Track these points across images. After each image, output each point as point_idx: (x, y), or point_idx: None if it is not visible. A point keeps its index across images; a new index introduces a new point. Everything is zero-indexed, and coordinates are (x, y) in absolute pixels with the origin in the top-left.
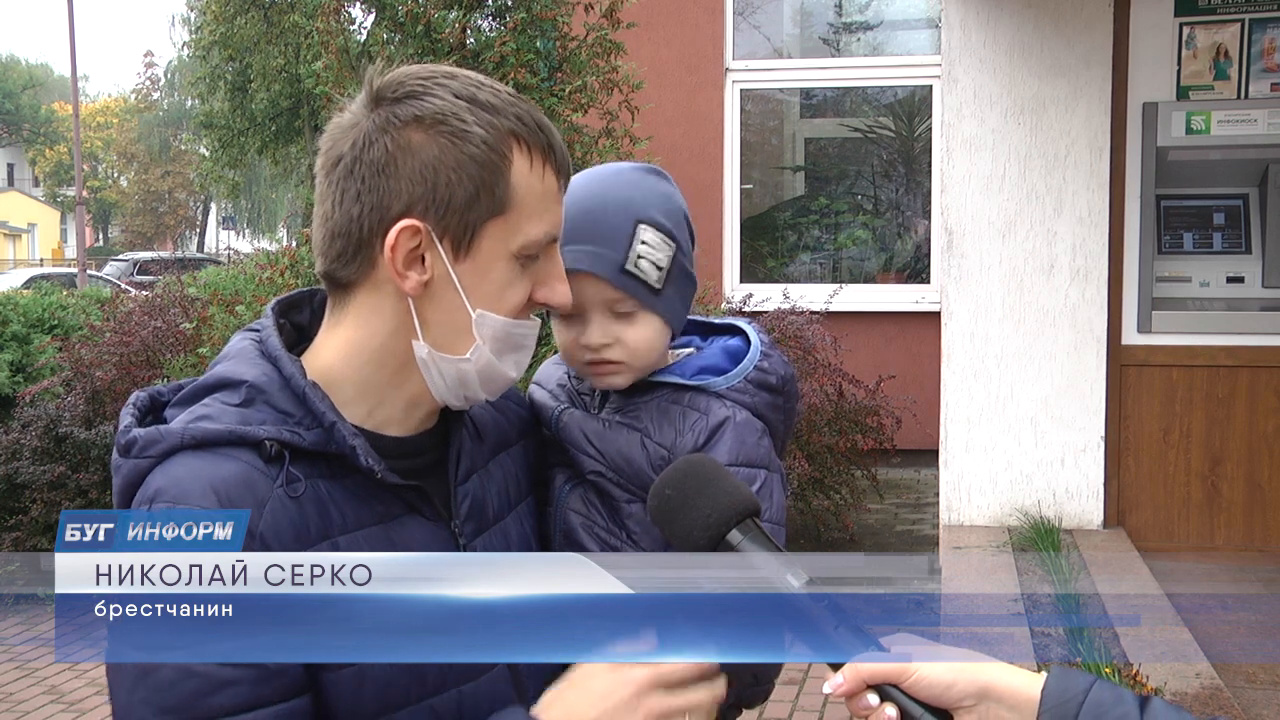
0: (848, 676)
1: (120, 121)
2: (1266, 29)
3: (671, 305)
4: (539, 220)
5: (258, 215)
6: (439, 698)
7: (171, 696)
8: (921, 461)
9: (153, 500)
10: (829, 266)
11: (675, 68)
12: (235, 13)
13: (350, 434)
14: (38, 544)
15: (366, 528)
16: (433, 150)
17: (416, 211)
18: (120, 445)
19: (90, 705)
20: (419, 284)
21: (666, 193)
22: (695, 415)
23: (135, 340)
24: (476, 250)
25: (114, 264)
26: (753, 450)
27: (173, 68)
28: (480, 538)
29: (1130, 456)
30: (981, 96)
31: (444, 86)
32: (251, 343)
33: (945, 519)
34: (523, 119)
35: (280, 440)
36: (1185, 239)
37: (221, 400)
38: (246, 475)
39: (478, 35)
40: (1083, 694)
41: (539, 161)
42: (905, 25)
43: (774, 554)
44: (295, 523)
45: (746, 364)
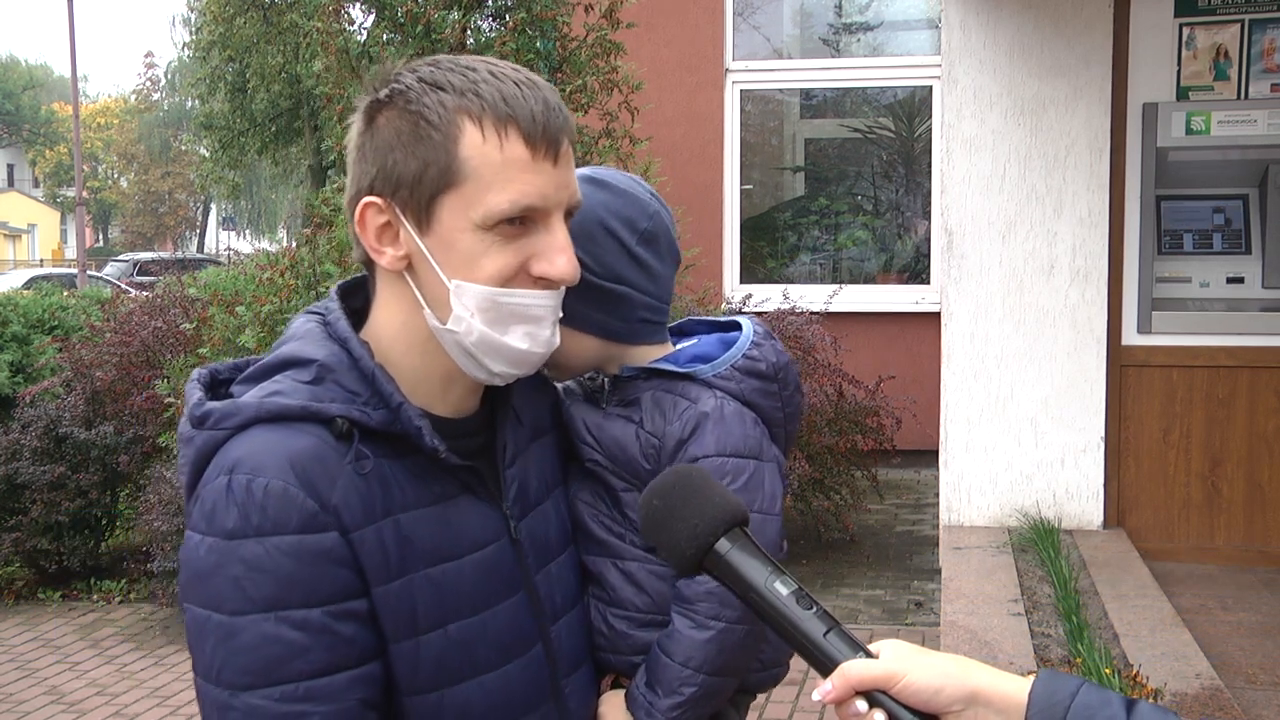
0: (836, 683)
1: (120, 122)
2: (1266, 29)
3: (574, 314)
4: (500, 190)
5: (258, 216)
6: (488, 675)
7: (255, 661)
8: (921, 462)
9: (232, 470)
10: (829, 267)
11: (675, 68)
12: (235, 13)
13: (416, 415)
14: (38, 544)
15: (425, 506)
16: (388, 131)
17: (375, 189)
18: (194, 417)
19: (90, 706)
20: (395, 259)
21: (586, 204)
22: (685, 404)
23: (135, 341)
24: (437, 222)
25: (114, 264)
26: (740, 441)
27: (173, 68)
28: (525, 520)
29: (1130, 457)
30: (981, 97)
31: (415, 72)
32: (317, 324)
33: (945, 519)
34: (482, 94)
35: (350, 418)
36: (1185, 239)
37: (293, 378)
38: (320, 450)
39: (477, 35)
40: (1070, 697)
41: (495, 134)
42: (905, 26)
43: (762, 562)
44: (364, 498)
45: (735, 351)
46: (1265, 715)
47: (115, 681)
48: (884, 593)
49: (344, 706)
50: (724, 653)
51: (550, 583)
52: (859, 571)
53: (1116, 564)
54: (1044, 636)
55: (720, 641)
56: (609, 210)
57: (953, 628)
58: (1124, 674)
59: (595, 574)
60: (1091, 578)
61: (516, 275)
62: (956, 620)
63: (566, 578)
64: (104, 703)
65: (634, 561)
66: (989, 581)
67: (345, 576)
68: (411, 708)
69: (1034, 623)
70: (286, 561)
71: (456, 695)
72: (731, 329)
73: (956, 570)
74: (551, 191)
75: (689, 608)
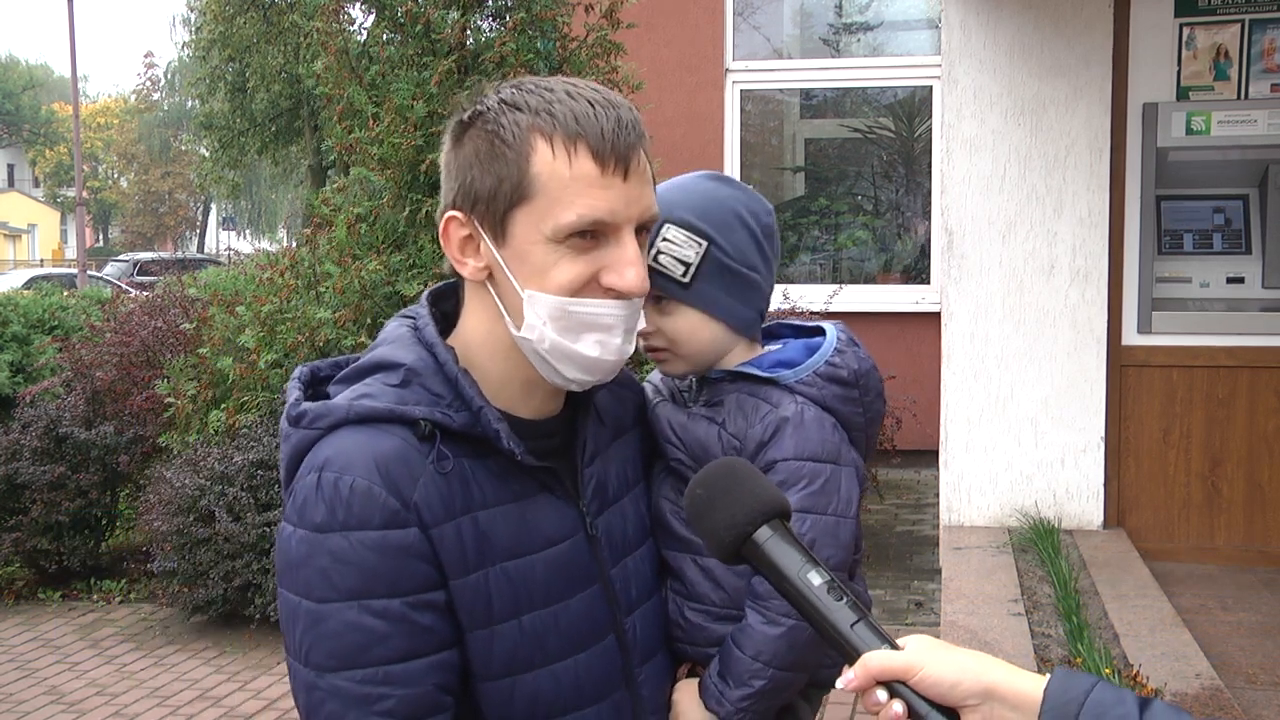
0: (858, 672)
1: (120, 122)
2: (1266, 29)
3: (709, 299)
4: (569, 206)
5: (258, 216)
6: (560, 664)
7: (339, 646)
8: (922, 462)
9: (322, 468)
10: (829, 267)
11: (675, 68)
12: (235, 13)
13: (495, 419)
14: (38, 544)
15: (504, 505)
16: (468, 150)
17: (457, 204)
18: (290, 416)
19: (90, 706)
20: (477, 270)
21: (716, 196)
22: (766, 408)
23: (135, 340)
24: (511, 236)
25: (114, 264)
26: (818, 446)
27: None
28: (602, 516)
29: (1130, 457)
30: (981, 97)
31: (499, 94)
32: (408, 329)
33: (945, 519)
34: (555, 114)
35: (433, 420)
36: (1185, 239)
37: (382, 381)
38: (403, 451)
39: (477, 35)
40: (1084, 695)
41: (564, 151)
42: (905, 26)
43: (798, 553)
44: (444, 496)
45: (818, 358)
46: (1265, 715)
47: (115, 682)
48: (884, 592)
49: (421, 691)
50: (794, 649)
51: (626, 576)
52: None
53: (1116, 564)
54: (1044, 636)
55: (790, 638)
56: (739, 202)
57: (953, 628)
58: (1124, 674)
59: (675, 569)
60: (1091, 578)
61: (587, 286)
62: (956, 620)
63: (643, 571)
64: (104, 703)
65: (712, 558)
66: (989, 581)
67: (424, 570)
68: (485, 693)
69: (1034, 623)
70: (370, 555)
71: (527, 682)
72: (816, 334)
73: (956, 570)
74: (621, 207)
75: (762, 604)
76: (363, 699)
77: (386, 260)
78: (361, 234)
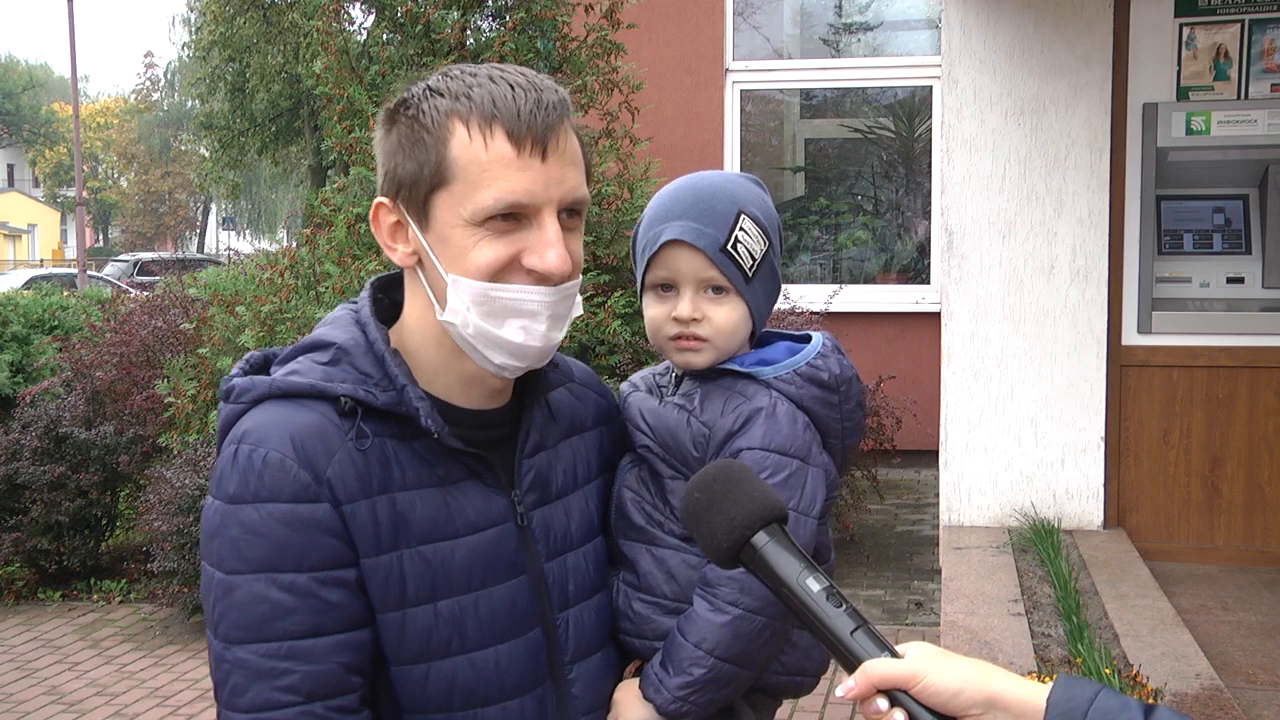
0: (859, 681)
1: (120, 122)
2: (1266, 29)
3: (757, 297)
4: (487, 188)
5: (258, 216)
6: (479, 653)
7: (246, 617)
8: (922, 462)
9: (240, 441)
10: (829, 267)
11: (675, 68)
12: (235, 13)
13: (417, 396)
14: (38, 544)
15: (425, 488)
16: (394, 137)
17: (385, 191)
18: (222, 392)
19: (90, 706)
20: (407, 255)
21: (766, 200)
22: (739, 399)
23: (135, 341)
24: (434, 220)
25: (114, 264)
26: (787, 440)
27: (173, 68)
28: (540, 509)
29: (1130, 457)
30: (981, 97)
31: (425, 82)
32: (349, 311)
33: (945, 519)
34: (473, 97)
35: (354, 398)
36: (1185, 239)
37: (312, 359)
38: (321, 426)
39: (477, 35)
40: (1088, 703)
41: (480, 134)
42: (905, 26)
43: (797, 559)
44: (360, 474)
45: (799, 358)
46: (1265, 715)
47: (115, 682)
48: (884, 593)
49: (326, 668)
50: (738, 639)
51: (564, 572)
52: (859, 571)
53: (1116, 564)
54: (1044, 636)
55: (735, 627)
56: (776, 214)
57: (953, 628)
58: (1124, 674)
59: (629, 559)
60: (1091, 578)
61: (508, 269)
62: (956, 620)
63: (585, 569)
64: (104, 703)
65: (668, 550)
66: (989, 581)
67: (334, 545)
68: (398, 677)
69: (1034, 623)
70: (278, 527)
71: (443, 669)
72: (804, 342)
73: (956, 570)
74: (540, 188)
75: (710, 591)
76: (267, 673)
77: (386, 260)
78: (361, 234)
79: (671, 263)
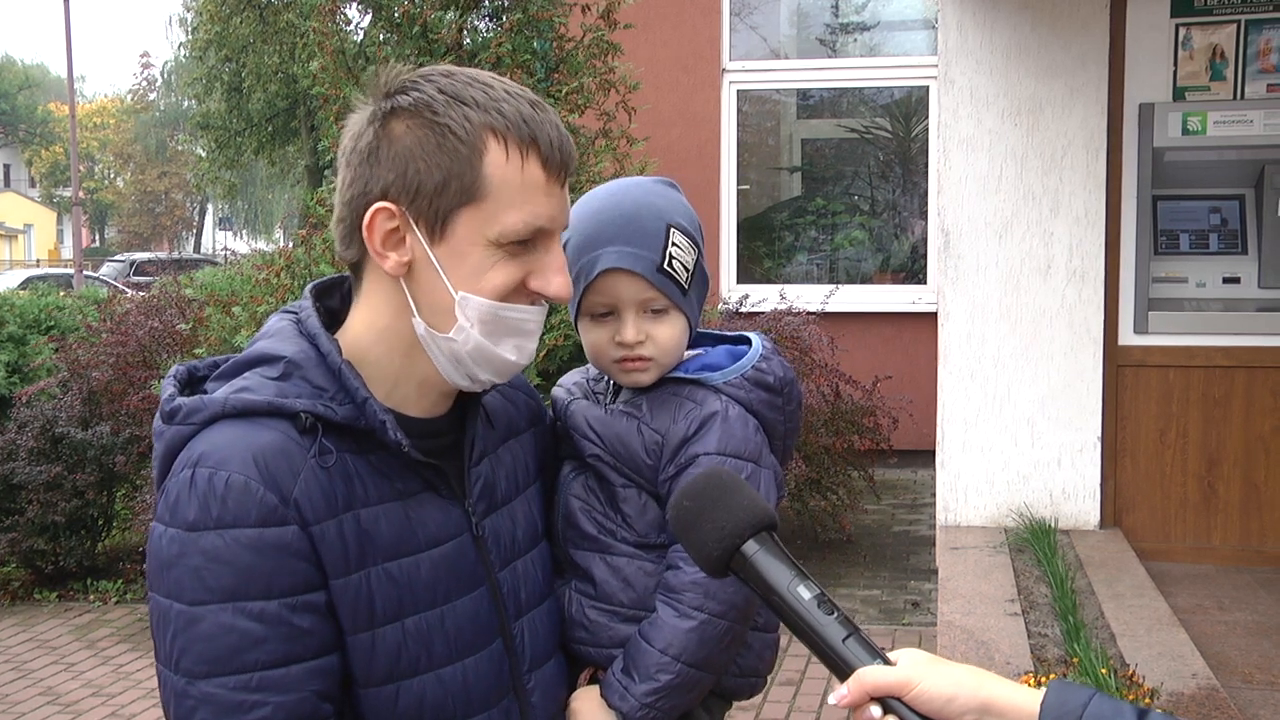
0: (852, 688)
1: (117, 122)
2: (1263, 30)
3: (694, 306)
4: (516, 210)
5: (254, 216)
6: (446, 669)
7: (212, 650)
8: (918, 462)
9: (196, 464)
10: (826, 267)
11: (672, 68)
12: (231, 13)
13: (380, 410)
14: (34, 545)
15: (387, 502)
16: (409, 140)
17: (390, 195)
18: (164, 413)
19: (86, 707)
20: (399, 264)
21: (684, 202)
22: (690, 405)
23: (132, 341)
24: (451, 235)
25: (111, 265)
26: (741, 444)
27: (169, 68)
28: (490, 518)
29: (1127, 457)
30: (978, 97)
31: (433, 82)
32: (290, 322)
33: (942, 519)
34: (505, 114)
35: (315, 413)
36: (1181, 239)
37: (261, 374)
38: (283, 445)
39: (474, 36)
40: (1081, 707)
41: (518, 155)
42: (902, 26)
43: (787, 566)
44: (326, 492)
45: (745, 362)
46: (1261, 715)
47: (111, 682)
48: (881, 593)
49: (299, 698)
50: (705, 644)
51: (516, 579)
52: (856, 572)
53: (1113, 564)
54: (1040, 636)
55: (701, 632)
56: (692, 209)
57: (949, 628)
58: (1120, 674)
59: (582, 568)
60: (1088, 577)
61: (515, 290)
62: (953, 620)
63: (533, 575)
64: (100, 703)
65: (623, 557)
66: (986, 581)
67: (304, 569)
68: (367, 700)
69: (1030, 622)
70: (245, 554)
71: (412, 688)
72: (739, 343)
73: (953, 570)
74: (559, 214)
75: (674, 597)
76: (236, 706)
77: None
78: None
79: (610, 290)
